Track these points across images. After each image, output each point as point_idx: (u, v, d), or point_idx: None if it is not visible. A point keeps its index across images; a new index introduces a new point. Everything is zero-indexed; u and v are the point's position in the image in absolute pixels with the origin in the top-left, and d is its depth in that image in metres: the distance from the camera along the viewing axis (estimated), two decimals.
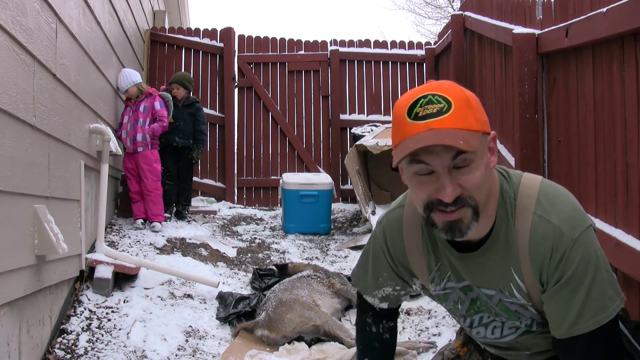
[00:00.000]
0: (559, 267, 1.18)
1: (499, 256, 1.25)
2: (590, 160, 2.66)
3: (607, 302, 1.17)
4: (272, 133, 6.99)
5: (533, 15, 3.45)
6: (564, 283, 1.18)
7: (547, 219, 1.20)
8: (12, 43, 2.26)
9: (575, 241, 1.17)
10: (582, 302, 1.16)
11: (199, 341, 3.15)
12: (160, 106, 4.93)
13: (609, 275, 1.20)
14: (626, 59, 2.31)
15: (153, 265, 3.83)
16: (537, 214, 1.21)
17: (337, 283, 3.63)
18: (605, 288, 1.18)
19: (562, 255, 1.17)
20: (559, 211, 1.20)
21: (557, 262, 1.18)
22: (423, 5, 15.72)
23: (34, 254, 2.50)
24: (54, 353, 2.76)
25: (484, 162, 1.16)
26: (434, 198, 1.15)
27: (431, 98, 1.13)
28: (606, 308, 1.17)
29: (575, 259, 1.17)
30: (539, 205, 1.21)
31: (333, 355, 2.94)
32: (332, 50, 6.96)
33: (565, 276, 1.17)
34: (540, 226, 1.20)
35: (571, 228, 1.18)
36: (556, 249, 1.18)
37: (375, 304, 1.52)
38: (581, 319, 1.17)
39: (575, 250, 1.17)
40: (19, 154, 2.34)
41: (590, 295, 1.16)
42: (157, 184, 4.86)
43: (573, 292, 1.17)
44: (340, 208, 6.51)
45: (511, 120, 3.73)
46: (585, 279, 1.16)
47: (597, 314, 1.16)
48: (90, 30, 3.73)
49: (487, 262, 1.26)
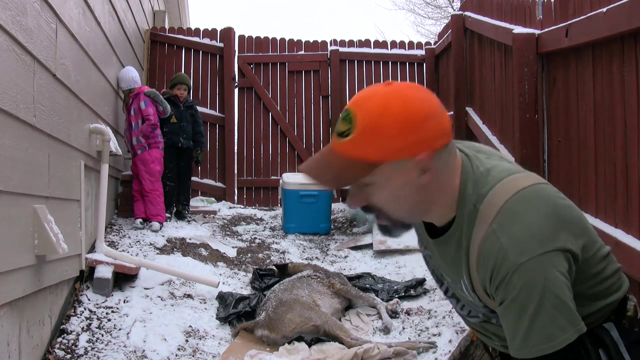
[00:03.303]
0: (500, 288, 1.11)
1: (452, 252, 1.22)
2: (590, 160, 2.66)
3: (555, 332, 1.07)
4: (272, 133, 6.99)
5: (533, 15, 3.45)
6: (508, 306, 1.11)
7: (497, 237, 1.11)
8: (12, 43, 2.26)
9: (519, 266, 1.08)
10: (527, 329, 1.09)
11: (199, 341, 3.15)
12: (145, 105, 4.83)
13: (563, 304, 1.08)
14: (626, 59, 2.31)
15: (153, 265, 3.83)
16: (491, 228, 1.12)
17: (337, 283, 3.63)
18: (555, 318, 1.07)
19: (503, 278, 1.10)
20: (513, 233, 1.10)
21: (498, 283, 1.11)
22: (423, 5, 15.72)
23: (34, 254, 2.50)
24: (54, 353, 2.76)
25: (396, 184, 1.12)
26: None
27: (347, 114, 1.11)
28: (551, 339, 1.08)
29: (517, 284, 1.08)
30: (497, 219, 1.12)
31: (333, 355, 2.94)
32: (332, 50, 6.96)
33: (507, 299, 1.10)
34: (489, 241, 1.12)
35: (518, 253, 1.08)
36: (497, 270, 1.10)
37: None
38: (525, 344, 1.10)
39: (518, 276, 1.08)
40: (19, 154, 2.34)
41: (535, 323, 1.08)
42: (155, 185, 4.86)
43: (518, 315, 1.10)
44: (340, 208, 6.51)
45: (511, 120, 3.73)
46: (529, 306, 1.08)
47: (541, 343, 1.08)
48: (90, 30, 3.73)
49: (443, 253, 1.25)
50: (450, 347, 2.91)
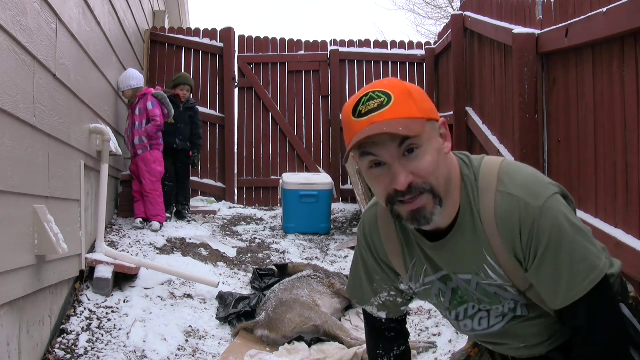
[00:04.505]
0: (532, 238, 1.17)
1: (468, 240, 1.25)
2: (590, 160, 2.66)
3: (594, 260, 1.16)
4: (272, 133, 6.99)
5: (533, 15, 3.45)
6: (543, 254, 1.17)
7: (509, 194, 1.20)
8: (12, 43, 2.26)
9: (541, 209, 1.17)
10: (569, 267, 1.15)
11: (199, 341, 3.15)
12: (152, 106, 4.83)
13: (587, 235, 1.19)
14: (626, 59, 2.31)
15: (153, 265, 3.83)
16: (499, 191, 1.21)
17: (337, 283, 3.63)
18: (587, 247, 1.17)
19: (532, 225, 1.17)
20: (520, 184, 1.20)
21: (529, 233, 1.17)
22: (423, 5, 15.72)
23: (34, 254, 2.50)
24: (54, 353, 2.76)
25: (434, 148, 1.18)
26: (391, 190, 1.17)
27: (372, 95, 1.17)
28: (595, 266, 1.16)
29: (547, 226, 1.16)
30: (500, 183, 1.22)
31: (333, 355, 2.94)
32: (332, 50, 6.96)
33: (541, 247, 1.17)
34: (504, 202, 1.20)
35: (534, 197, 1.18)
36: (524, 220, 1.17)
37: (374, 313, 1.50)
38: (574, 283, 1.15)
39: (544, 218, 1.16)
40: (19, 154, 2.34)
41: (574, 258, 1.15)
42: (155, 185, 4.86)
43: (555, 260, 1.16)
44: (340, 208, 6.51)
45: (511, 120, 3.73)
46: (563, 244, 1.15)
47: (589, 274, 1.15)
48: (90, 30, 3.73)
49: (457, 247, 1.26)
50: (450, 347, 2.91)
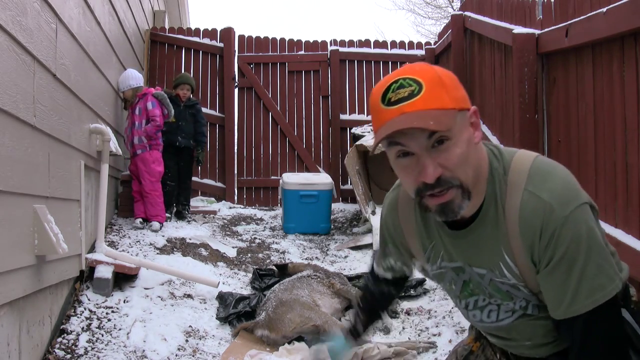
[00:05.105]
0: (550, 245, 1.15)
1: (488, 234, 1.23)
2: (590, 161, 2.66)
3: (604, 281, 1.13)
4: (272, 133, 6.99)
5: (533, 15, 3.45)
6: (557, 262, 1.15)
7: (537, 195, 1.16)
8: (12, 43, 2.26)
9: (566, 219, 1.13)
10: (577, 282, 1.13)
11: (199, 341, 3.15)
12: (152, 106, 4.83)
13: (606, 254, 1.16)
14: (626, 59, 2.31)
15: (153, 265, 3.83)
16: (527, 191, 1.17)
17: (337, 283, 3.63)
18: (602, 267, 1.14)
19: (553, 233, 1.14)
20: (550, 187, 1.16)
21: (548, 240, 1.15)
22: (423, 5, 15.72)
23: (34, 254, 2.50)
24: (54, 353, 2.76)
25: (465, 138, 1.14)
26: (420, 183, 1.15)
27: (402, 82, 1.13)
28: (603, 287, 1.13)
29: (567, 237, 1.13)
30: (530, 182, 1.18)
31: None
32: (332, 50, 6.96)
33: (557, 255, 1.14)
34: (530, 203, 1.16)
35: (562, 205, 1.14)
36: (546, 226, 1.14)
37: (380, 273, 1.57)
38: (577, 299, 1.13)
39: (567, 228, 1.13)
40: (19, 154, 2.34)
41: (585, 274, 1.13)
42: (155, 185, 4.85)
43: (567, 271, 1.14)
44: (340, 208, 6.51)
45: (511, 120, 3.73)
46: (578, 258, 1.13)
47: (594, 294, 1.13)
48: (90, 30, 3.73)
49: (477, 239, 1.25)
50: (450, 347, 2.91)
